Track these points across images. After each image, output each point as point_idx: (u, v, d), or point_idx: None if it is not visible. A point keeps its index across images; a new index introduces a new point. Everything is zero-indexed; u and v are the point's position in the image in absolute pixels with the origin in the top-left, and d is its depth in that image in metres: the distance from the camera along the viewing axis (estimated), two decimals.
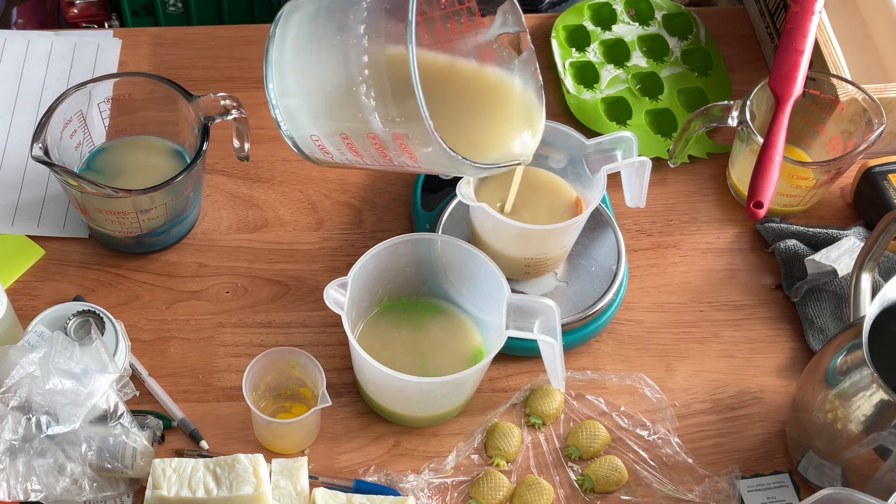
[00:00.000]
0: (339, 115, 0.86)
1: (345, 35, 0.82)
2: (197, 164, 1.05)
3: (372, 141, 0.84)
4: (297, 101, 0.89)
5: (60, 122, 1.07)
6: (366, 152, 0.86)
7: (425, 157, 0.83)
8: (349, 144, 0.87)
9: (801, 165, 1.13)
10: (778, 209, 1.18)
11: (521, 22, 0.94)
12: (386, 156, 0.85)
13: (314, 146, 0.91)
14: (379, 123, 0.81)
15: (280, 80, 0.89)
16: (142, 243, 1.12)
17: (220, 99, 1.08)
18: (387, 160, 0.86)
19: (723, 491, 1.01)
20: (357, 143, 0.86)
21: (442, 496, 1.00)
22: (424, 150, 0.81)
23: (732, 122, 1.13)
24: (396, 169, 0.89)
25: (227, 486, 0.92)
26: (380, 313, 1.07)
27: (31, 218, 1.15)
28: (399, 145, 0.83)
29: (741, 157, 1.17)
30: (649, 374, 1.08)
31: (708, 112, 1.14)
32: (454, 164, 0.82)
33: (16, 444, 0.91)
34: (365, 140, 0.84)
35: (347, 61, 0.82)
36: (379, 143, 0.84)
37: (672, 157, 1.19)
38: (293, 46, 0.88)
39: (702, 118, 1.14)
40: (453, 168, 0.86)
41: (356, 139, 0.86)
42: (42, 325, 0.99)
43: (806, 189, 1.14)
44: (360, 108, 0.82)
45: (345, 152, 0.89)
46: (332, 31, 0.84)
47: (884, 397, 0.89)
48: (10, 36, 1.29)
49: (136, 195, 1.03)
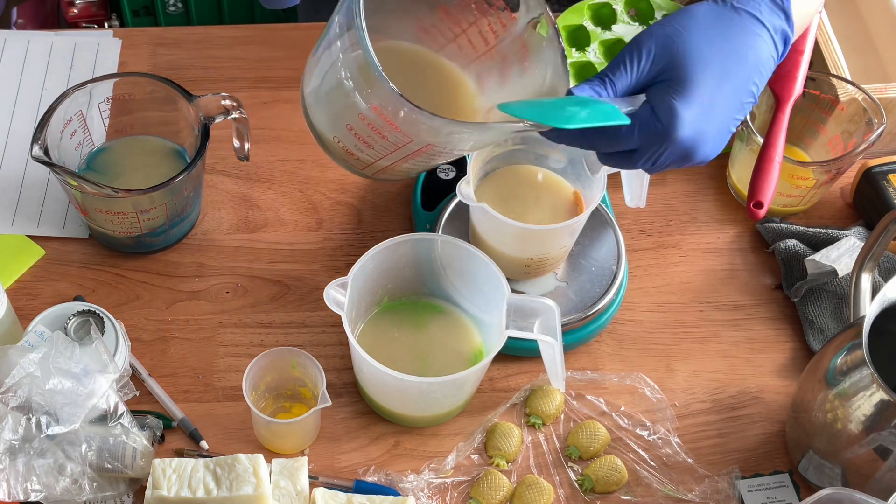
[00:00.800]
0: (337, 104, 0.91)
1: (332, 43, 0.88)
2: (197, 164, 1.05)
3: (364, 122, 0.89)
4: (314, 111, 0.95)
5: (60, 122, 1.07)
6: (369, 138, 0.90)
7: (407, 124, 0.86)
8: (356, 135, 0.91)
9: (801, 165, 1.13)
10: (778, 209, 1.18)
11: (541, 2, 0.94)
12: (383, 136, 0.89)
13: (342, 150, 0.95)
14: (361, 100, 0.87)
15: (306, 102, 0.96)
16: (142, 243, 1.12)
17: (220, 99, 1.08)
18: (387, 143, 0.90)
19: (723, 491, 1.01)
20: (359, 130, 0.90)
21: (442, 496, 1.00)
22: (401, 117, 0.85)
23: None
24: (408, 159, 0.92)
25: (227, 486, 0.92)
26: (380, 313, 1.07)
27: (30, 218, 1.15)
28: (383, 119, 0.87)
29: (741, 157, 1.17)
30: (649, 374, 1.08)
31: None
32: (429, 122, 0.84)
33: (16, 444, 0.91)
34: (361, 124, 0.89)
35: (332, 54, 0.88)
36: (370, 123, 0.88)
37: None
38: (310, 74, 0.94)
39: None
40: (440, 135, 0.87)
41: (357, 126, 0.90)
42: (42, 325, 0.99)
43: (806, 189, 1.14)
44: (347, 93, 0.87)
45: (359, 147, 0.93)
46: (326, 42, 0.90)
47: (884, 397, 0.89)
48: (10, 36, 1.29)
49: (136, 195, 1.03)
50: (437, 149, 0.90)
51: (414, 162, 0.94)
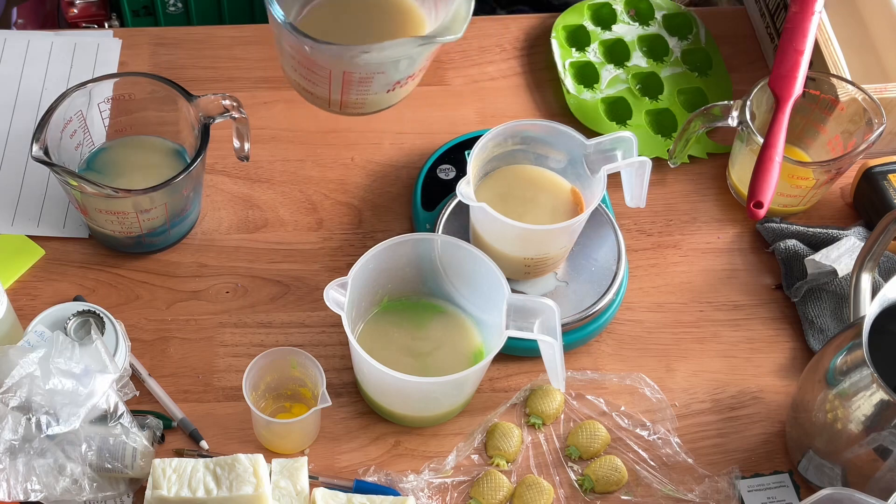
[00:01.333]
0: (282, 51, 1.08)
1: None
2: (197, 165, 1.05)
3: (295, 61, 1.05)
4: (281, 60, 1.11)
5: (60, 122, 1.07)
6: (308, 73, 1.05)
7: (316, 55, 1.00)
8: (300, 74, 1.07)
9: (801, 165, 1.13)
10: (778, 209, 1.18)
11: None
12: (312, 70, 1.04)
13: (303, 89, 1.10)
14: (284, 43, 1.04)
15: None
16: (142, 243, 1.12)
17: (219, 99, 1.08)
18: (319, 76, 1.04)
19: (723, 491, 1.01)
20: (300, 69, 1.06)
21: (442, 496, 1.00)
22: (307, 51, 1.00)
23: (732, 122, 1.13)
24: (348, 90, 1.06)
25: (227, 486, 0.92)
26: (380, 313, 1.07)
27: (31, 218, 1.15)
28: (300, 55, 1.02)
29: (741, 157, 1.17)
30: (649, 374, 1.08)
31: (708, 112, 1.14)
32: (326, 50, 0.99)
33: (16, 444, 0.91)
34: (295, 63, 1.05)
35: None
36: (299, 60, 1.04)
37: (672, 157, 1.19)
38: None
39: (702, 118, 1.14)
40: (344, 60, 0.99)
41: (297, 66, 1.06)
42: (42, 325, 0.99)
43: (806, 189, 1.14)
44: (278, 38, 1.05)
45: (308, 84, 1.07)
46: None
47: (884, 397, 0.89)
48: (10, 36, 1.29)
49: (136, 195, 1.03)
50: (357, 75, 1.01)
51: (357, 92, 1.04)
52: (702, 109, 1.14)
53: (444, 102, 1.26)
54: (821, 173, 1.13)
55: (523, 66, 1.30)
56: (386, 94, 1.07)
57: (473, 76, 1.29)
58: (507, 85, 1.29)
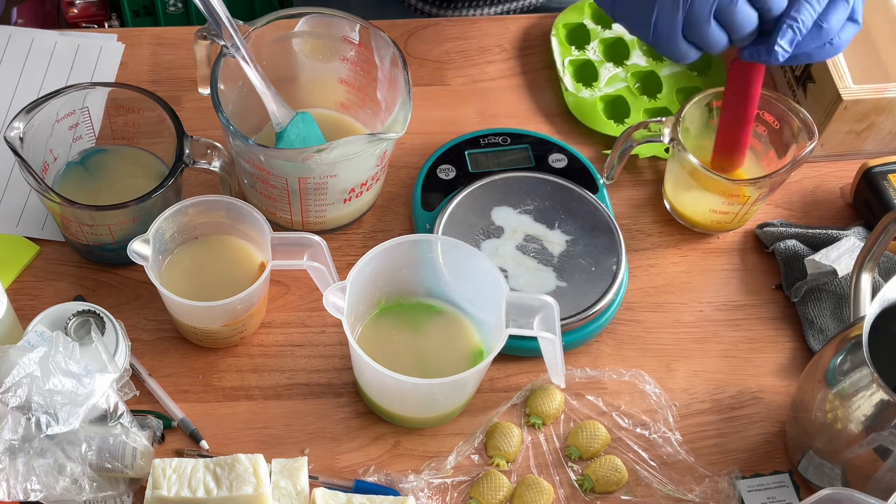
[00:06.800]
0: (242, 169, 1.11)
1: None
2: (157, 195, 1.02)
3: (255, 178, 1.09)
4: None
5: (53, 113, 1.06)
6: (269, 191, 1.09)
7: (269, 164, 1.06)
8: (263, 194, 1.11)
9: (734, 183, 1.10)
10: (711, 226, 1.16)
11: None
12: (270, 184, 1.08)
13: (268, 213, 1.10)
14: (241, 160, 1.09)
15: None
16: (112, 251, 1.10)
17: (208, 146, 1.05)
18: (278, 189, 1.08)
19: (723, 491, 1.01)
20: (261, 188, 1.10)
21: (442, 496, 1.00)
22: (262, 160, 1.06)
23: (664, 139, 1.10)
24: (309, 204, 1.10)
25: (227, 486, 0.92)
26: (379, 315, 1.07)
27: (37, 220, 1.14)
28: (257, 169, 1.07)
29: (673, 173, 1.15)
30: (649, 374, 1.08)
31: (645, 127, 1.11)
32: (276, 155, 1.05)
33: (16, 444, 0.91)
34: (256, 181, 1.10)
35: None
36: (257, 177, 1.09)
37: (606, 171, 1.16)
38: None
39: (638, 134, 1.11)
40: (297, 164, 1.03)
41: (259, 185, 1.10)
42: (42, 325, 0.99)
43: (739, 205, 1.12)
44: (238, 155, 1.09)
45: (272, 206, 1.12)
46: None
47: (884, 397, 0.89)
48: (14, 33, 1.28)
49: (75, 208, 1.02)
50: (314, 181, 1.05)
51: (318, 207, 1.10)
52: (637, 125, 1.11)
53: (444, 102, 1.26)
54: (753, 190, 1.10)
55: (523, 66, 1.30)
56: (343, 206, 1.10)
57: (473, 76, 1.29)
58: (507, 85, 1.29)
